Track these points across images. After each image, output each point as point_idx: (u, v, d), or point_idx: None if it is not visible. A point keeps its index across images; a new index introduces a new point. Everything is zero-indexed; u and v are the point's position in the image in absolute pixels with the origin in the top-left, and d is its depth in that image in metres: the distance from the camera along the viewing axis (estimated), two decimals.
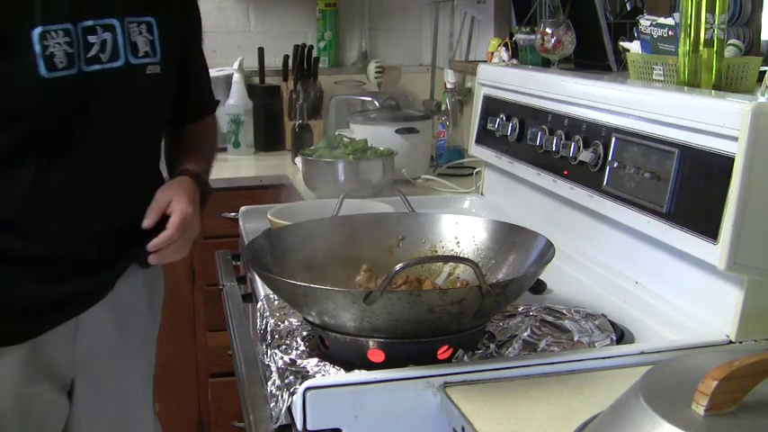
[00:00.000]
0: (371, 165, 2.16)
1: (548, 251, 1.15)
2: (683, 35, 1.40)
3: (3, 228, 1.38)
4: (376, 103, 2.89)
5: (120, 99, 1.43)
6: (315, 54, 3.11)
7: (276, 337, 1.17)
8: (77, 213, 1.43)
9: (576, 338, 1.14)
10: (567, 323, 1.18)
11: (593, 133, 1.47)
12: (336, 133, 2.41)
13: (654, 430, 0.67)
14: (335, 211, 1.42)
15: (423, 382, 1.01)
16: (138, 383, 1.68)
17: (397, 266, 0.99)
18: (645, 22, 1.58)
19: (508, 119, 1.81)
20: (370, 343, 1.05)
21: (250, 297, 1.58)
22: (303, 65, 3.06)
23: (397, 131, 2.36)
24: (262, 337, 1.21)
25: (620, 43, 1.82)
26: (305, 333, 1.17)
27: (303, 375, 1.04)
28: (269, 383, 1.09)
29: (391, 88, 3.26)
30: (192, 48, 1.66)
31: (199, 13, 1.71)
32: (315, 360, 1.08)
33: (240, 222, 1.92)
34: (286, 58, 3.16)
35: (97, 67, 1.39)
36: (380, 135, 2.35)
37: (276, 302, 1.29)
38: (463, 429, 0.94)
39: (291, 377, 1.03)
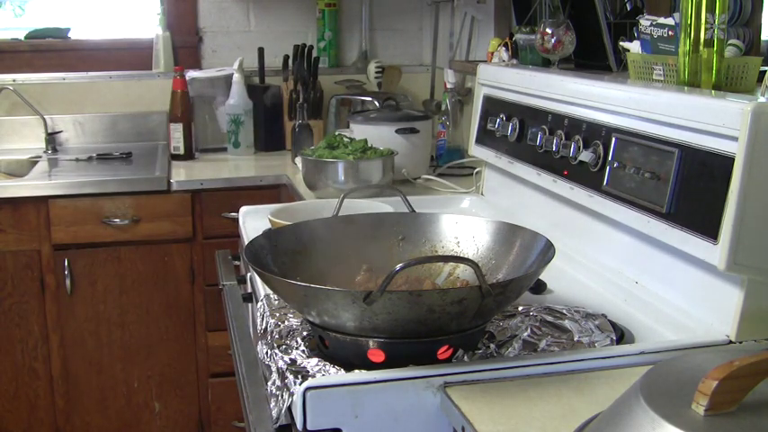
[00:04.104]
0: (371, 165, 2.16)
1: (548, 251, 1.15)
2: (683, 35, 1.40)
3: None
4: (376, 103, 2.89)
5: None
6: (315, 54, 3.11)
7: (276, 337, 1.17)
8: None
9: (576, 338, 1.14)
10: (567, 323, 1.18)
11: (593, 133, 1.47)
12: (336, 133, 2.41)
13: (654, 430, 0.67)
14: (335, 211, 1.42)
15: (423, 382, 1.01)
16: None
17: (397, 266, 0.99)
18: (645, 22, 1.58)
19: (508, 119, 1.81)
20: (370, 343, 1.05)
21: (250, 297, 1.58)
22: (303, 65, 3.06)
23: (397, 131, 2.36)
24: (262, 337, 1.21)
25: (620, 43, 1.82)
26: (305, 333, 1.17)
27: (303, 375, 1.04)
28: (269, 383, 1.09)
29: (391, 88, 3.26)
30: None
31: None
32: (315, 360, 1.08)
33: (240, 222, 1.92)
34: (286, 58, 3.16)
35: None
36: (380, 135, 2.35)
37: (276, 302, 1.29)
38: (463, 429, 0.94)
39: (291, 377, 1.03)
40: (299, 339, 1.15)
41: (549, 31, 1.94)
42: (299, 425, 0.98)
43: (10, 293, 2.63)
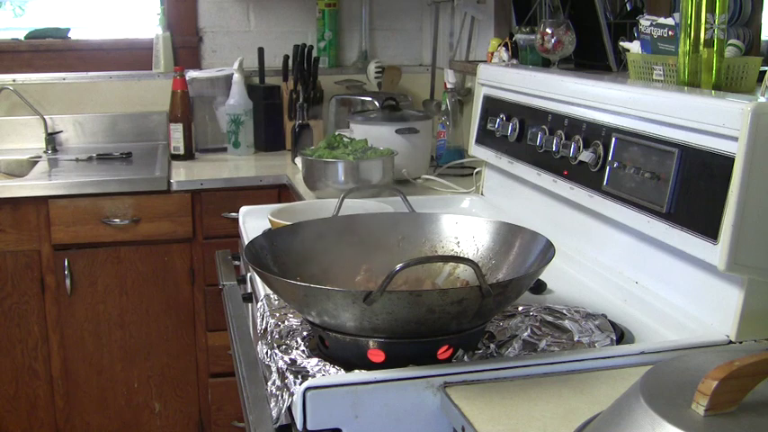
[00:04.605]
0: (371, 165, 2.16)
1: (548, 251, 1.15)
2: (683, 35, 1.40)
3: None
4: (376, 103, 2.89)
5: None
6: (315, 54, 3.11)
7: (276, 337, 1.17)
8: None
9: (576, 338, 1.14)
10: (567, 323, 1.18)
11: (593, 133, 1.47)
12: (336, 133, 2.41)
13: (654, 430, 0.66)
14: (335, 211, 1.42)
15: (423, 382, 1.01)
16: None
17: (397, 266, 0.99)
18: (645, 22, 1.58)
19: (508, 119, 1.81)
20: (370, 343, 1.05)
21: (250, 297, 1.58)
22: (303, 65, 3.06)
23: (397, 131, 2.36)
24: (262, 337, 1.21)
25: (620, 43, 1.82)
26: (305, 333, 1.17)
27: (303, 375, 1.04)
28: (269, 383, 1.09)
29: (391, 88, 3.26)
30: None
31: None
32: (315, 360, 1.08)
33: (240, 222, 1.92)
34: (286, 58, 3.16)
35: None
36: (380, 135, 2.35)
37: (276, 302, 1.29)
38: (463, 429, 0.94)
39: (291, 377, 1.03)
40: (299, 339, 1.15)
41: (549, 31, 1.94)
42: (299, 425, 0.98)
43: (10, 293, 2.63)
